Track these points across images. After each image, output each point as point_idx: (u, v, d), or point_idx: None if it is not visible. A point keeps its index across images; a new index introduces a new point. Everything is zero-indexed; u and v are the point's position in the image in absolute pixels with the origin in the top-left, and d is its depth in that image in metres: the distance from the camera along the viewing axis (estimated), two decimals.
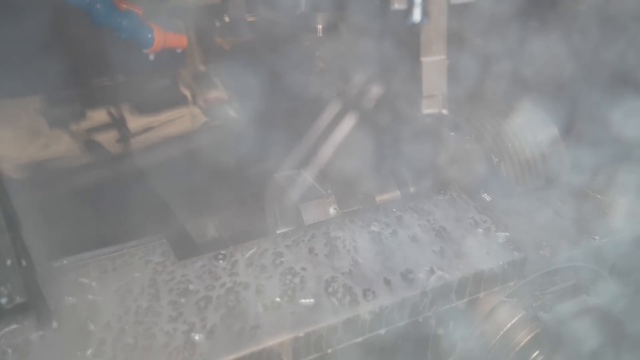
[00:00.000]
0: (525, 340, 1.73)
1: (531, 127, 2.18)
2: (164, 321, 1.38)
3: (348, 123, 2.19)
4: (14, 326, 1.36)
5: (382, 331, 1.48)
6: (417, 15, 1.73)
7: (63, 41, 1.89)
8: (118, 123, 2.16)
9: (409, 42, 1.81)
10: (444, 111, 1.89)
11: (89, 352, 1.31)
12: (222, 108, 2.33)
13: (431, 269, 1.54)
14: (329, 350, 1.43)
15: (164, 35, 1.73)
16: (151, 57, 1.73)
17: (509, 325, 1.75)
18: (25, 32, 1.82)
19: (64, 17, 1.80)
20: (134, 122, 2.23)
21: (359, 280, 1.51)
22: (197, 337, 1.34)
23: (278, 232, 1.76)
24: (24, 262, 1.33)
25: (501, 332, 1.75)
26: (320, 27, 2.14)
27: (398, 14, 1.72)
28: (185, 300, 1.44)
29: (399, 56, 1.91)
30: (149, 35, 1.70)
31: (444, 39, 1.81)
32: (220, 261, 1.57)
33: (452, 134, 2.05)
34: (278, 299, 1.45)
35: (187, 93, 2.34)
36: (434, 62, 1.82)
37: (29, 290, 1.34)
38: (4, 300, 1.31)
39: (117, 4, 1.66)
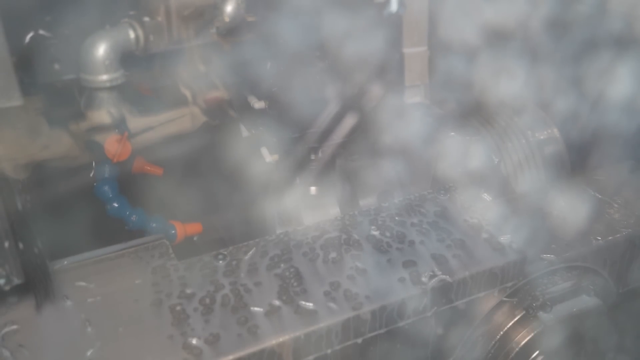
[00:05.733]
0: (525, 340, 1.73)
1: (532, 127, 2.18)
2: (164, 322, 1.38)
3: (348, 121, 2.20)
4: (11, 308, 1.39)
5: (382, 331, 1.48)
6: (394, 6, 1.76)
7: None
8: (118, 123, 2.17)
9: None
10: (426, 101, 1.91)
11: (88, 353, 1.31)
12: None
13: (431, 269, 1.54)
14: (329, 351, 1.43)
15: (184, 228, 2.11)
16: None
17: (509, 325, 1.75)
18: None
19: None
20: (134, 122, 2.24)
21: (359, 280, 1.51)
22: (197, 338, 1.34)
23: (278, 232, 1.76)
24: (20, 245, 1.35)
25: (501, 332, 1.75)
26: None
27: (379, 6, 1.77)
28: (185, 301, 1.44)
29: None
30: (173, 232, 2.08)
31: (424, 30, 1.89)
32: (220, 261, 1.57)
33: (452, 133, 2.05)
34: (278, 299, 1.44)
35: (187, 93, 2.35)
36: (415, 53, 1.90)
37: (28, 273, 1.37)
38: (2, 282, 1.34)
39: None
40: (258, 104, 2.06)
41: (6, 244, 1.32)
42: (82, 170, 2.06)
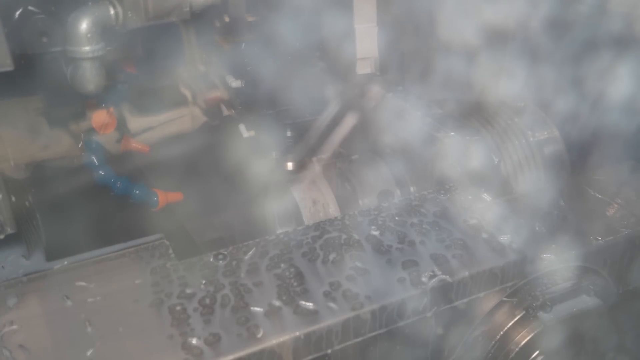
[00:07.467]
0: (525, 340, 1.73)
1: (532, 127, 2.18)
2: (164, 322, 1.38)
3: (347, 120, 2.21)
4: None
5: (382, 331, 1.48)
6: None
7: None
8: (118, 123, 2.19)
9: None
10: (377, 72, 2.22)
11: (88, 353, 1.31)
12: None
13: (431, 269, 1.54)
14: (329, 350, 1.43)
15: (165, 195, 2.29)
16: None
17: (509, 325, 1.75)
18: None
19: None
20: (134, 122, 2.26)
21: (359, 281, 1.51)
22: (197, 338, 1.34)
23: (278, 232, 1.75)
24: (13, 198, 1.48)
25: (501, 332, 1.75)
26: None
27: None
28: (184, 301, 1.44)
29: None
30: (155, 199, 2.26)
31: (373, 8, 2.15)
32: (220, 261, 1.57)
33: (452, 133, 2.05)
34: (278, 299, 1.44)
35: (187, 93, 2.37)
36: (366, 28, 2.16)
37: (20, 224, 1.50)
38: None
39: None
40: (235, 83, 2.22)
41: (0, 196, 1.43)
42: (80, 168, 2.10)
